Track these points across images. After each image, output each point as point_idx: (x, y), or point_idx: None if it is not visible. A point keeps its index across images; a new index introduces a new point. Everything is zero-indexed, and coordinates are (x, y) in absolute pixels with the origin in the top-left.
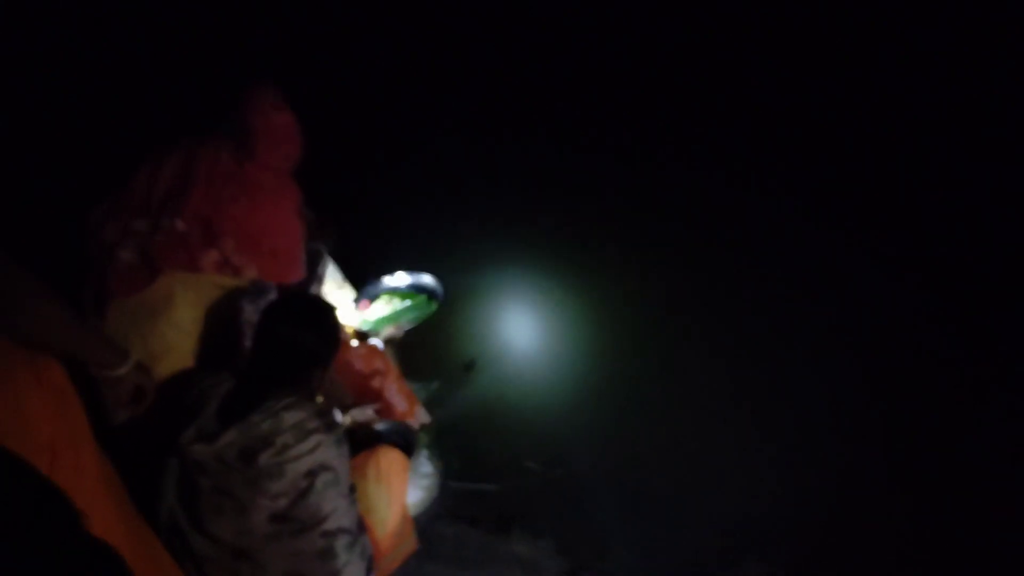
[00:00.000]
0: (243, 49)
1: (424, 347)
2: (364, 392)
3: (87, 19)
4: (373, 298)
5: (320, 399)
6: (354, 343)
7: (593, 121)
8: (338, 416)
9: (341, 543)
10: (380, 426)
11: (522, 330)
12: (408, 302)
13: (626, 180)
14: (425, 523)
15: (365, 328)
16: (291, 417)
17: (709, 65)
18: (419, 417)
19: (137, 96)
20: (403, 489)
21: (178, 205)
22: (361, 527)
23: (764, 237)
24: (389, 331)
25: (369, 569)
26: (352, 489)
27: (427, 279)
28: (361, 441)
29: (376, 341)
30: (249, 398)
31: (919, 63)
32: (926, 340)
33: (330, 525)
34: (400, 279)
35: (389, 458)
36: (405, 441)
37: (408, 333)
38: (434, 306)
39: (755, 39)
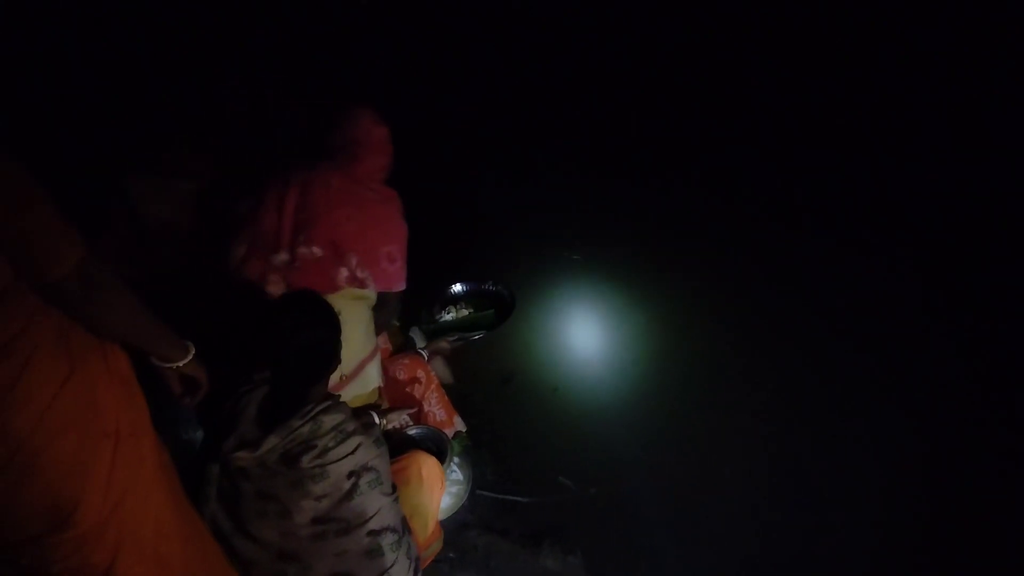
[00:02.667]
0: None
1: (466, 357)
2: (403, 399)
3: (86, 18)
4: (445, 302)
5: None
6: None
7: (657, 152)
8: (375, 418)
9: (387, 541)
10: (414, 431)
11: (564, 348)
12: (476, 313)
13: (682, 207)
14: (456, 532)
15: (430, 328)
16: (330, 420)
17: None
18: (457, 426)
19: (136, 96)
20: (440, 496)
21: (310, 234)
22: (406, 527)
23: (819, 280)
24: (440, 344)
25: (416, 570)
26: (394, 488)
27: (503, 292)
28: (396, 445)
29: (422, 352)
30: (286, 403)
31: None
32: (976, 383)
33: (375, 524)
34: (476, 288)
35: (429, 465)
36: (438, 448)
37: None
38: (498, 324)
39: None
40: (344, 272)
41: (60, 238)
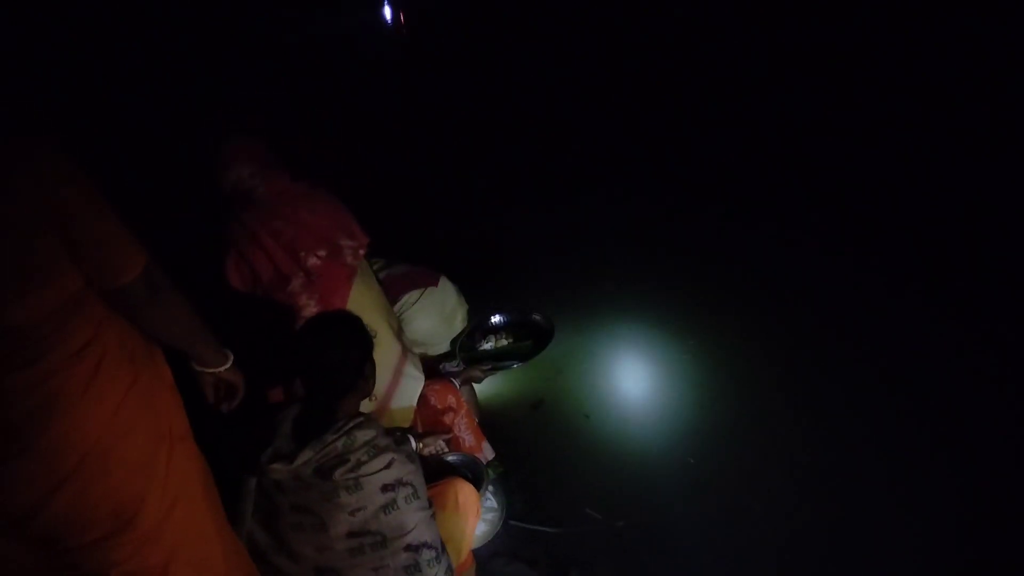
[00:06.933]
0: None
1: (497, 383)
2: (435, 425)
3: (82, 22)
4: (485, 332)
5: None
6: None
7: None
8: (412, 443)
9: (425, 558)
10: (451, 457)
11: (596, 375)
12: (515, 343)
13: (723, 238)
14: (485, 559)
15: (467, 356)
16: (362, 435)
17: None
18: (485, 452)
19: (133, 97)
20: (475, 522)
21: (303, 246)
22: (443, 546)
23: (873, 322)
24: (474, 373)
25: None
26: (431, 503)
27: (542, 323)
28: (433, 470)
29: (454, 380)
30: (319, 418)
31: None
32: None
33: (413, 539)
34: (517, 318)
35: (466, 491)
36: (474, 475)
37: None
38: (534, 354)
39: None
40: (348, 253)
41: (129, 243)
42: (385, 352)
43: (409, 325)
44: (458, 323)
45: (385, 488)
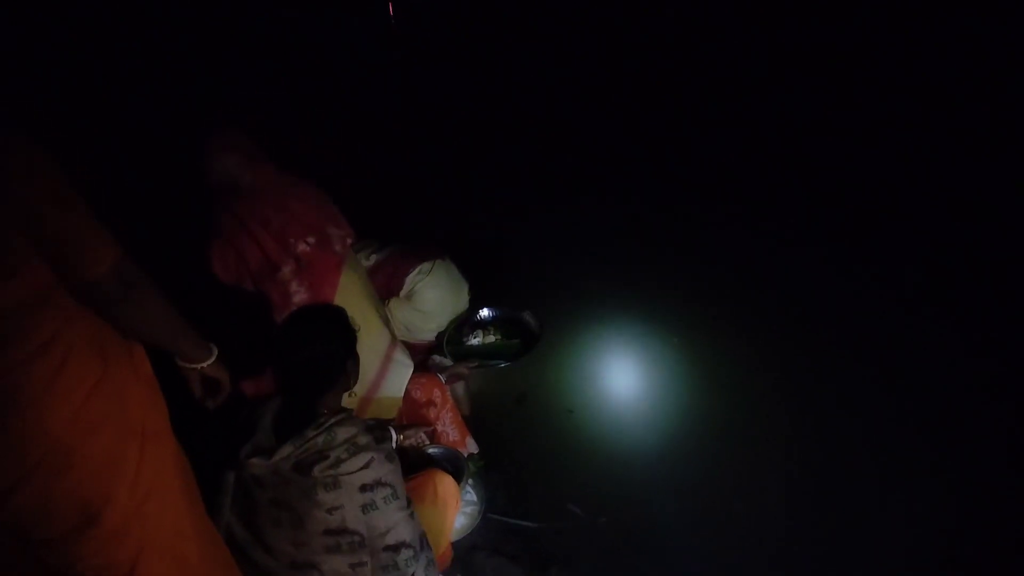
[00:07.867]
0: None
1: (481, 378)
2: (418, 418)
3: (82, 21)
4: (474, 326)
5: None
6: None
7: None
8: (393, 435)
9: (403, 556)
10: (431, 450)
11: (581, 371)
12: (503, 341)
13: (714, 238)
14: (466, 553)
15: (455, 351)
16: (343, 432)
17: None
18: (469, 448)
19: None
20: (455, 514)
21: (294, 233)
22: (423, 542)
23: (863, 321)
24: (460, 369)
25: None
26: (410, 503)
27: (532, 323)
28: (413, 463)
29: (440, 375)
30: (300, 413)
31: None
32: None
33: (391, 539)
34: (507, 314)
35: (445, 483)
36: (455, 467)
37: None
38: (522, 354)
39: None
40: (337, 241)
41: (98, 237)
42: (375, 339)
43: (422, 295)
44: (464, 294)
45: (363, 488)
